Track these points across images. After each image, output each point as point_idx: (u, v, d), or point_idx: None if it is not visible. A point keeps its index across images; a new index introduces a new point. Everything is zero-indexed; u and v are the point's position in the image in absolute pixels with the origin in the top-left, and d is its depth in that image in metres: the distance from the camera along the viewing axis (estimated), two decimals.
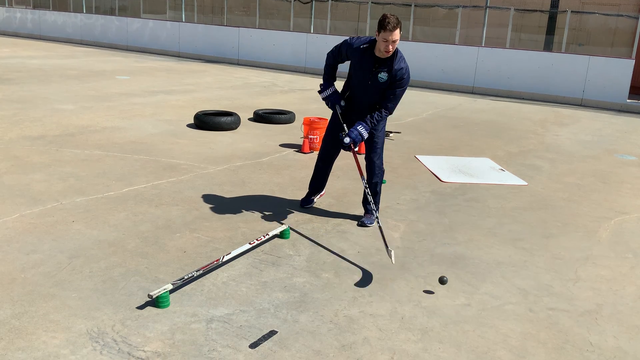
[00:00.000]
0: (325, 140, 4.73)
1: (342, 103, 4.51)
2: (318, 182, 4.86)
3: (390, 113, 4.40)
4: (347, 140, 4.22)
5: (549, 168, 6.76)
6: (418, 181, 5.89)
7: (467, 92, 13.05)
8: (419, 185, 5.76)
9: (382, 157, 4.60)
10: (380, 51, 4.17)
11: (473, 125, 9.21)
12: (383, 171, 4.67)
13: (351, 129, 4.27)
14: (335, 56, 4.48)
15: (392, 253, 3.82)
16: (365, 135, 4.28)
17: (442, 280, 3.55)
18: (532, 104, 11.98)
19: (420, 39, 14.28)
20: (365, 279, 3.65)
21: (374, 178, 4.59)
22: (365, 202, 4.70)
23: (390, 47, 4.10)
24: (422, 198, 5.36)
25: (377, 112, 4.30)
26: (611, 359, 2.94)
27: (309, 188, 4.91)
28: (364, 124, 4.26)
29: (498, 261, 4.05)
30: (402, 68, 4.27)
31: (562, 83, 12.22)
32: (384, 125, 4.56)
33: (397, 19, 4.08)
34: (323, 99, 4.56)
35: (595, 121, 10.32)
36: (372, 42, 4.24)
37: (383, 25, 4.03)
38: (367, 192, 4.38)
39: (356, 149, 4.32)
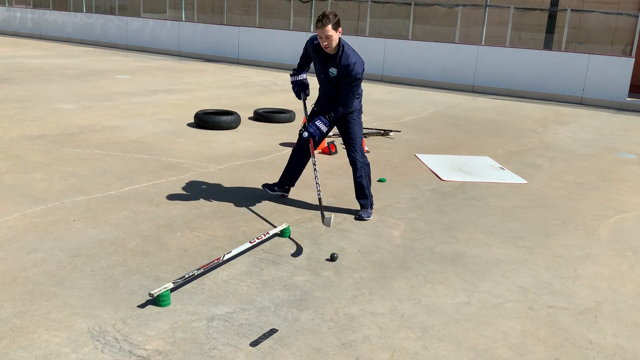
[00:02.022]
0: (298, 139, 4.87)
1: (308, 92, 4.72)
2: (285, 175, 4.94)
3: (345, 108, 4.45)
4: (305, 134, 4.44)
5: (549, 166, 6.77)
6: (418, 180, 5.90)
7: (467, 91, 13.06)
8: (419, 183, 5.77)
9: (361, 150, 4.67)
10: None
11: (473, 123, 9.22)
12: (367, 164, 4.71)
13: (310, 124, 4.45)
14: (305, 49, 4.70)
15: (330, 219, 4.04)
16: (324, 129, 4.44)
17: (332, 257, 3.83)
18: (532, 102, 11.98)
19: (420, 37, 14.28)
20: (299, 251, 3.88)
21: (357, 173, 4.68)
22: (358, 197, 4.76)
23: (325, 43, 4.27)
24: (422, 196, 5.37)
25: (332, 108, 4.44)
26: (610, 357, 2.95)
27: (280, 177, 5.02)
28: (323, 119, 4.43)
29: (498, 259, 4.06)
30: (349, 64, 4.33)
31: (562, 81, 12.22)
32: (358, 120, 4.61)
33: (333, 15, 4.25)
34: (291, 82, 4.79)
35: (595, 119, 10.33)
36: None
37: (316, 22, 4.27)
38: (318, 190, 4.50)
39: (314, 142, 4.52)
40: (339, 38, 4.33)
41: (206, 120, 7.59)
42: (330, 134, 7.51)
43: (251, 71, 14.61)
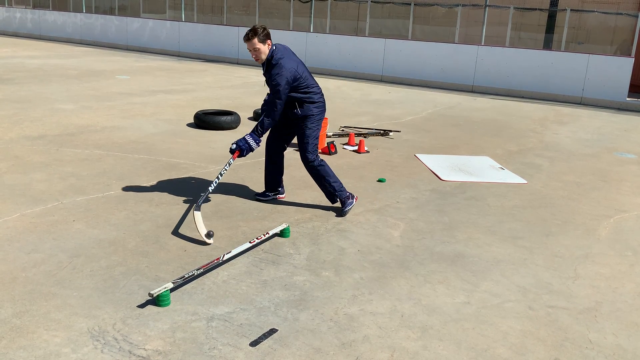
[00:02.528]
0: (267, 139, 4.91)
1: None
2: (266, 177, 4.97)
3: (270, 119, 4.45)
4: (233, 146, 4.46)
5: (549, 166, 6.77)
6: (418, 180, 5.90)
7: (466, 91, 13.06)
8: (419, 183, 5.77)
9: (310, 155, 4.65)
10: None
11: (473, 123, 9.22)
12: (317, 167, 4.69)
13: (240, 138, 4.48)
14: None
15: (209, 237, 4.01)
16: (253, 144, 4.44)
17: (208, 235, 3.95)
18: (532, 102, 11.98)
19: (419, 37, 14.29)
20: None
21: (315, 179, 4.75)
22: (330, 198, 4.82)
23: (253, 55, 4.44)
24: (422, 197, 5.37)
25: (259, 121, 4.47)
26: (610, 356, 2.95)
27: (264, 184, 5.07)
28: (253, 135, 4.46)
29: (498, 259, 4.06)
30: (270, 75, 4.45)
31: (562, 81, 12.22)
32: (312, 126, 4.63)
33: (262, 29, 4.40)
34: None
35: (594, 119, 10.33)
36: None
37: (244, 36, 4.43)
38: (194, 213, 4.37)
39: (242, 157, 4.52)
40: (270, 50, 4.45)
41: (206, 120, 7.59)
42: (330, 133, 7.53)
43: (251, 71, 14.61)
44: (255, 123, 4.93)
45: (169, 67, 14.46)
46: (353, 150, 7.00)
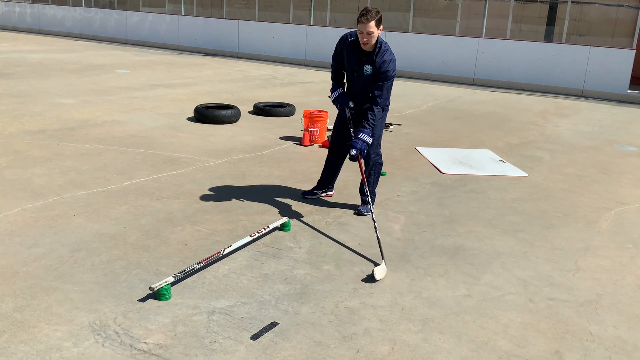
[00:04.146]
0: (332, 133, 4.78)
1: (351, 104, 4.52)
2: (325, 176, 4.88)
3: (382, 107, 4.35)
4: (353, 152, 4.20)
5: (550, 159, 6.76)
6: (418, 173, 5.89)
7: (467, 84, 13.03)
8: (420, 177, 5.77)
9: (377, 148, 4.58)
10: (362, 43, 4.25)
11: (473, 116, 9.20)
12: (380, 164, 4.67)
13: (355, 140, 4.23)
14: (335, 58, 4.57)
15: (377, 269, 3.60)
16: (369, 140, 4.25)
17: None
18: (533, 95, 11.96)
19: (420, 30, 14.23)
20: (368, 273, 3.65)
21: (367, 168, 4.61)
22: (362, 192, 4.73)
23: (365, 39, 4.18)
24: (422, 190, 5.37)
25: (369, 112, 4.28)
26: (611, 348, 2.95)
27: (317, 181, 4.96)
28: (365, 130, 4.24)
29: (498, 252, 4.06)
30: (385, 61, 4.27)
31: (563, 74, 12.19)
32: (379, 120, 4.50)
33: (376, 12, 4.18)
34: (332, 101, 4.62)
35: (595, 112, 10.31)
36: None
37: (359, 17, 4.17)
38: (365, 186, 4.39)
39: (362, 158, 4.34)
40: (378, 37, 4.27)
41: (206, 114, 7.58)
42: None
43: (251, 65, 14.58)
44: (252, 117, 4.86)
45: (169, 61, 14.43)
46: None
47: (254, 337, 2.87)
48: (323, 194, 4.98)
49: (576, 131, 8.48)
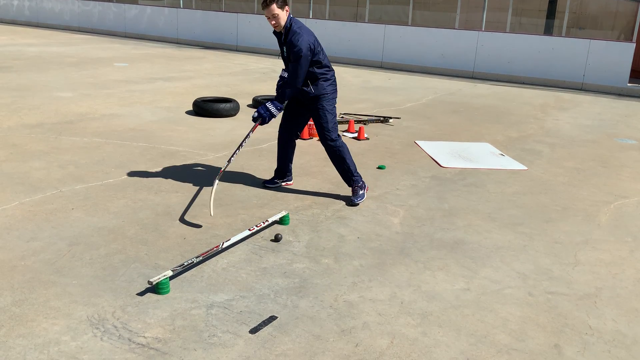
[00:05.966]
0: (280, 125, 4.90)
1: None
2: (278, 163, 4.97)
3: (292, 87, 4.41)
4: (255, 114, 4.44)
5: (549, 152, 6.75)
6: (418, 166, 5.88)
7: (467, 77, 13.00)
8: (419, 170, 5.76)
9: (332, 134, 4.59)
10: None
11: (473, 110, 9.18)
12: (340, 146, 4.64)
13: (261, 106, 4.47)
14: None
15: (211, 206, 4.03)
16: (274, 110, 4.42)
17: (277, 238, 3.89)
18: (533, 88, 11.93)
19: (419, 23, 14.19)
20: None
21: (331, 160, 4.70)
22: (347, 182, 4.78)
23: (273, 22, 4.35)
24: (421, 183, 5.36)
25: (281, 89, 4.44)
26: (610, 342, 2.95)
27: (274, 170, 5.07)
28: (275, 101, 4.44)
29: (498, 246, 4.05)
30: (291, 42, 4.36)
31: (563, 67, 12.16)
32: (328, 107, 4.57)
33: None
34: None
35: (595, 105, 10.29)
36: None
37: (261, 3, 4.34)
38: (213, 189, 4.41)
39: (265, 124, 4.50)
40: (289, 17, 4.40)
41: (205, 107, 7.56)
42: None
43: (250, 58, 14.54)
44: (251, 110, 4.92)
45: (168, 55, 14.39)
46: (353, 137, 6.97)
47: (253, 331, 2.86)
48: (283, 183, 5.03)
49: (576, 124, 8.46)
